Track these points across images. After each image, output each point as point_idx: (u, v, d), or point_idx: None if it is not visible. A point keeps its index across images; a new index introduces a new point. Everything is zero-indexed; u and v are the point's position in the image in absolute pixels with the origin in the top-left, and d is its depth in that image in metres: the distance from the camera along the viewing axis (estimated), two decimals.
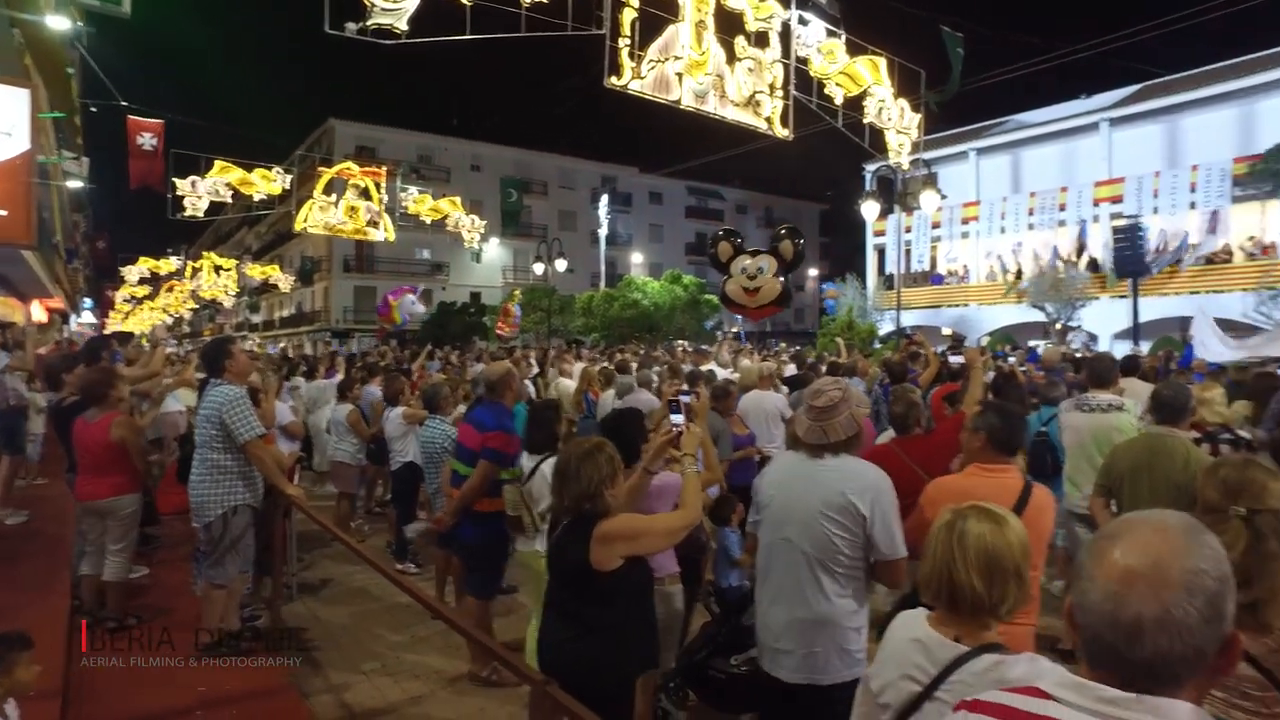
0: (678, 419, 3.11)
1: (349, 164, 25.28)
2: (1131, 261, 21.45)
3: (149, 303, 51.21)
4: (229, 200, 20.72)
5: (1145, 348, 19.65)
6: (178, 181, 19.22)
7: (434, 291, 44.18)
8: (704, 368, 9.94)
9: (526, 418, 4.85)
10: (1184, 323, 25.86)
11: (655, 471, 3.23)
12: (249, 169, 20.40)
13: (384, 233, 24.33)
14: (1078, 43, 39.02)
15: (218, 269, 39.37)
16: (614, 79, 11.11)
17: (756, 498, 3.07)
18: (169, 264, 42.26)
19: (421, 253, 46.90)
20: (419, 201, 24.97)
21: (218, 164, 19.82)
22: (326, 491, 9.15)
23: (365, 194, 23.81)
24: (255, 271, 40.20)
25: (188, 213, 19.35)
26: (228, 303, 45.28)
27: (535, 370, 11.90)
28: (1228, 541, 2.16)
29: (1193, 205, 25.58)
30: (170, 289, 47.49)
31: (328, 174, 23.99)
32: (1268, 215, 24.65)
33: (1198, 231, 25.70)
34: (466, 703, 4.51)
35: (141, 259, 41.66)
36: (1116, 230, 22.32)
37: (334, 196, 23.52)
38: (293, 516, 5.70)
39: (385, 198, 24.28)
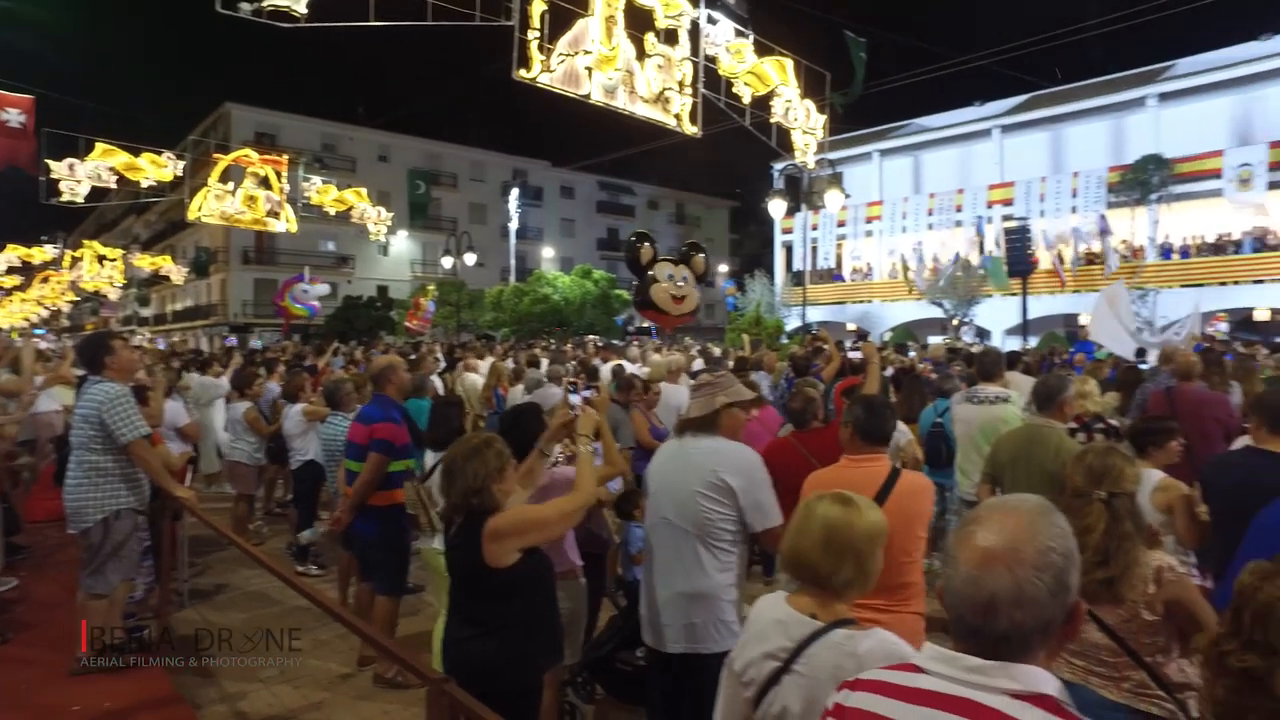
0: (575, 399, 3.18)
1: (247, 151, 24.18)
2: (1020, 261, 22.63)
3: (19, 294, 47.59)
4: (113, 186, 19.49)
5: (1034, 342, 20.79)
6: (52, 164, 17.92)
7: (339, 285, 42.84)
8: (614, 363, 9.97)
9: (429, 414, 4.77)
10: (1068, 319, 27.64)
11: (550, 454, 3.27)
12: (136, 153, 19.23)
13: (285, 224, 23.38)
14: (974, 51, 40.68)
15: (101, 259, 36.93)
16: (523, 72, 10.99)
17: (645, 484, 3.22)
18: (43, 253, 39.32)
19: (326, 244, 45.34)
20: (323, 192, 24.12)
21: (99, 146, 18.59)
22: (224, 493, 8.76)
23: (265, 183, 22.83)
24: (144, 262, 37.88)
25: (65, 198, 18.07)
26: (113, 295, 42.55)
27: (443, 365, 11.68)
28: (1090, 523, 2.35)
29: (1074, 210, 27.28)
30: (45, 279, 44.17)
31: (224, 161, 22.84)
32: (1136, 221, 26.42)
33: (1088, 234, 27.31)
34: (369, 706, 4.40)
35: (10, 246, 38.64)
36: (1008, 231, 23.52)
37: (231, 185, 22.43)
38: (184, 520, 5.44)
39: (287, 187, 23.34)
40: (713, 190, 63.66)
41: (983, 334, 27.61)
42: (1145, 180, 25.31)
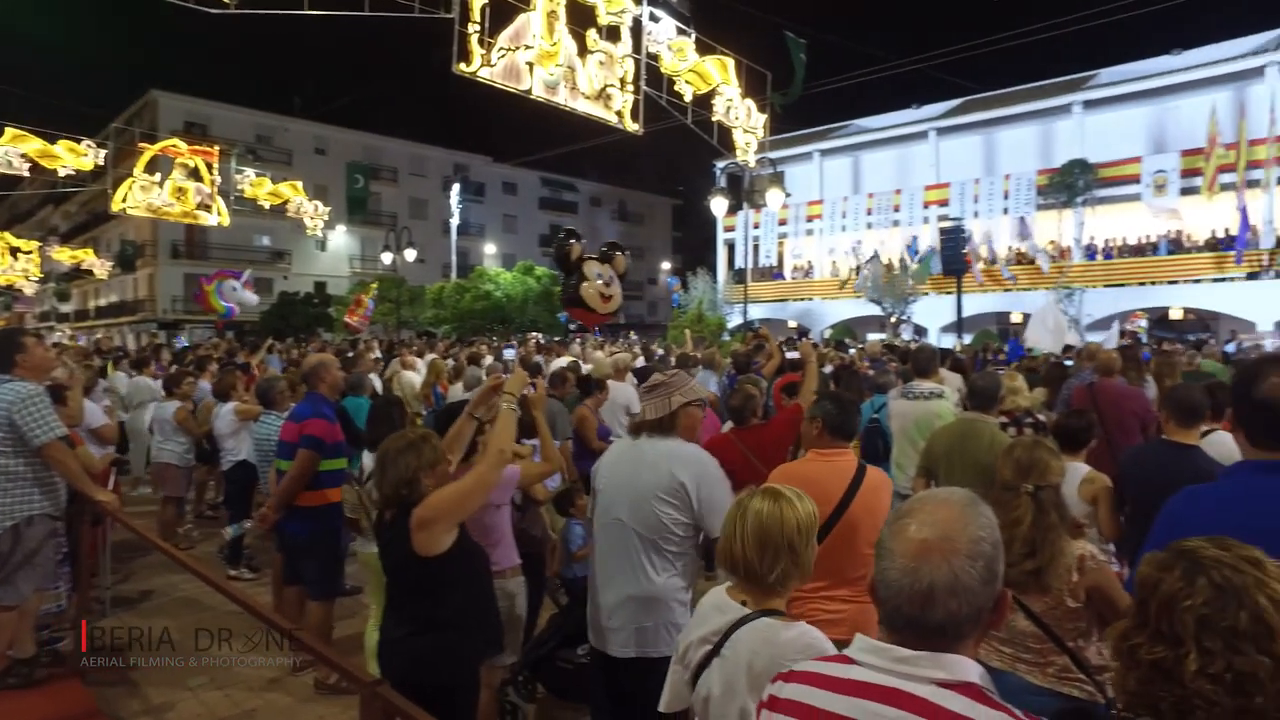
0: (509, 353, 3.14)
1: (175, 141, 23.24)
2: (955, 260, 23.25)
3: None
4: (25, 174, 18.58)
5: (969, 339, 21.39)
6: None
7: (275, 281, 41.65)
8: (560, 360, 9.94)
9: (368, 414, 4.68)
10: (1000, 317, 28.54)
11: (480, 417, 3.22)
12: (51, 139, 18.36)
13: (217, 217, 22.63)
14: (911, 55, 41.67)
15: (14, 251, 35.12)
16: (463, 65, 10.83)
17: (593, 483, 3.14)
18: None
19: (261, 239, 44.03)
20: (257, 185, 23.40)
21: (9, 131, 17.71)
22: (153, 496, 8.44)
23: (195, 174, 22.01)
24: (63, 255, 36.16)
25: None
26: (29, 290, 40.57)
27: (381, 363, 11.47)
28: (1019, 516, 2.42)
29: (1006, 211, 28.16)
30: None
31: (150, 150, 21.95)
32: (1064, 223, 27.42)
33: (1010, 235, 28.24)
34: (306, 711, 4.30)
35: None
36: (943, 231, 24.13)
37: (158, 176, 21.55)
38: (108, 525, 5.21)
39: (218, 179, 22.59)
40: (655, 188, 63.96)
41: (920, 331, 28.32)
42: (1071, 184, 26.28)
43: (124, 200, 20.84)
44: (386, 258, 28.44)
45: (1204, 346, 15.17)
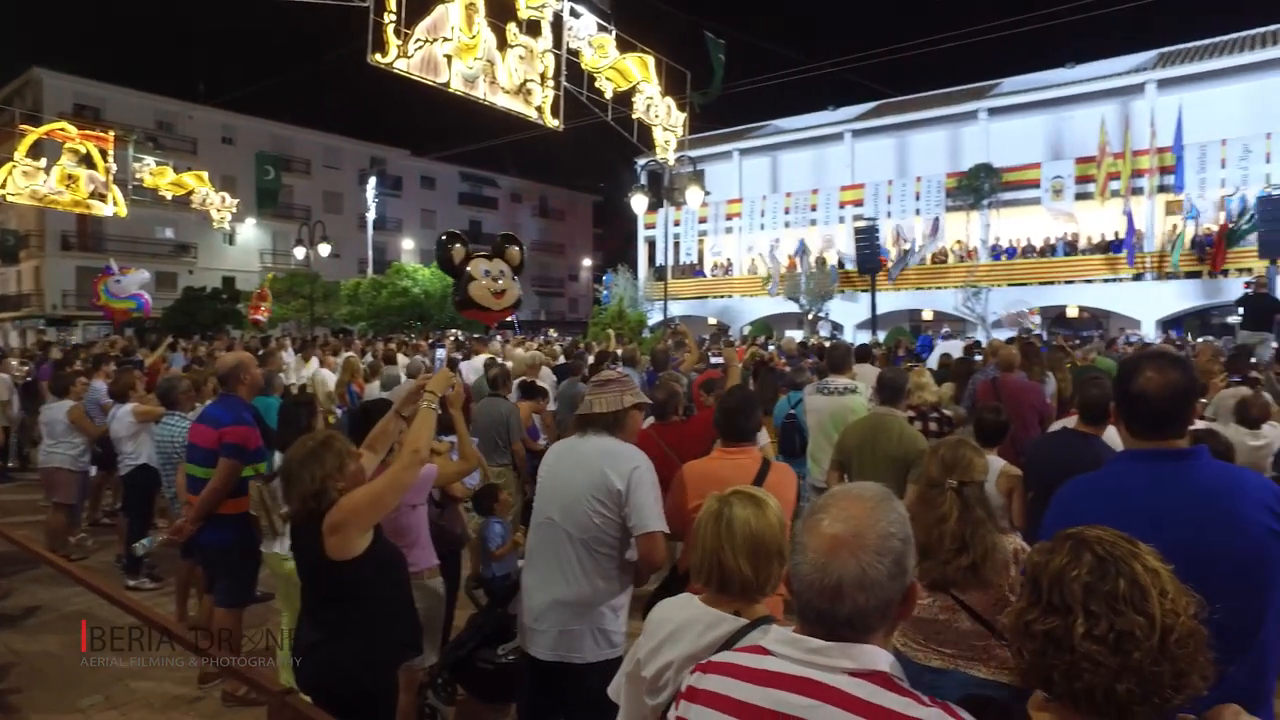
0: (439, 352, 3.08)
1: (64, 124, 21.78)
2: (869, 259, 23.95)
3: None
4: None
5: (882, 336, 22.07)
6: None
7: (179, 275, 39.75)
8: (479, 360, 9.79)
9: (278, 414, 4.52)
10: (913, 314, 29.56)
11: (406, 415, 3.12)
12: None
13: (113, 207, 21.34)
14: (829, 58, 42.78)
15: None
16: (378, 56, 10.57)
17: (539, 472, 3.11)
18: None
19: (164, 231, 41.82)
20: (157, 174, 22.27)
21: None
22: (43, 502, 7.94)
23: (87, 161, 20.74)
24: None
25: None
26: None
27: (291, 362, 11.09)
28: (945, 512, 2.51)
29: (918, 212, 29.20)
30: None
31: (34, 134, 20.48)
32: (971, 224, 28.60)
33: (922, 235, 29.29)
34: None
35: None
36: (858, 231, 24.83)
37: (44, 161, 20.23)
38: None
39: (114, 167, 21.33)
40: (577, 184, 63.69)
41: (837, 328, 29.08)
42: (978, 187, 27.41)
43: (3, 186, 19.43)
44: (299, 252, 27.45)
45: (1114, 343, 16.05)
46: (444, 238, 6.61)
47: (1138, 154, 25.05)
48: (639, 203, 16.16)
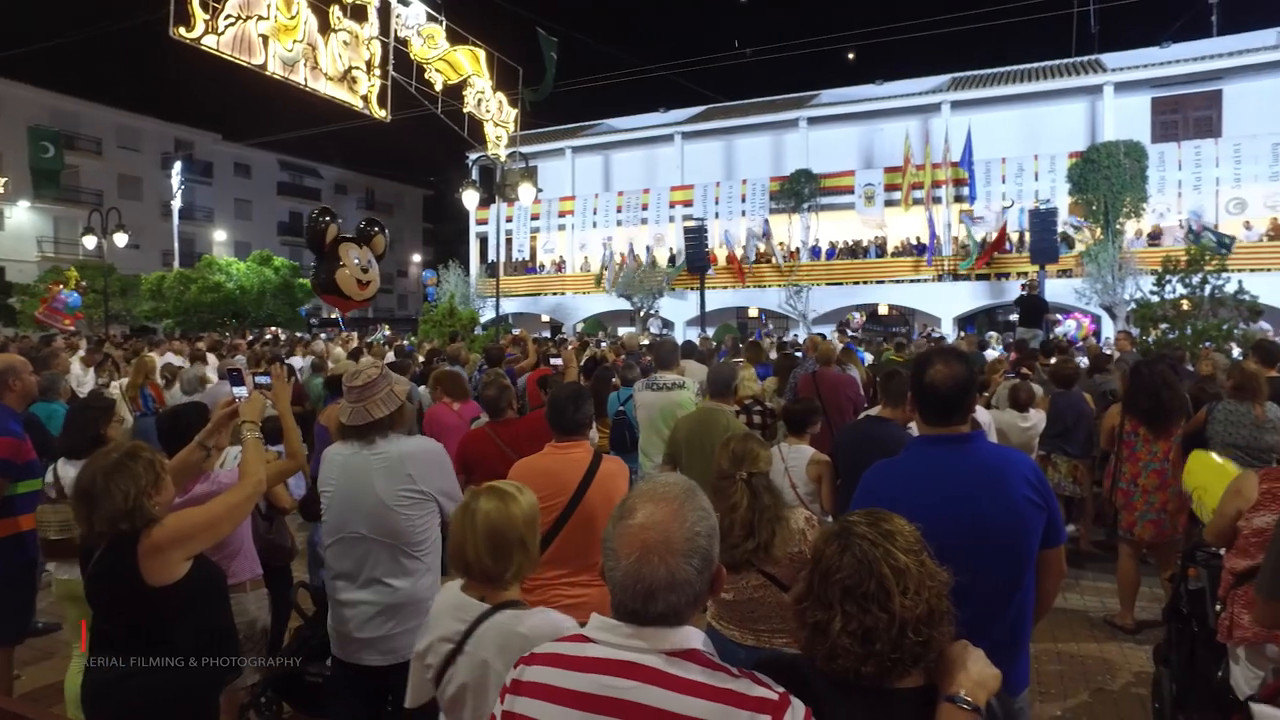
0: (239, 390, 2.91)
1: None
2: (698, 258, 24.78)
3: None
4: None
5: (711, 332, 22.93)
6: None
7: None
8: (299, 361, 9.29)
9: (64, 420, 4.09)
10: (740, 311, 30.89)
11: (210, 446, 2.96)
12: None
13: None
14: (661, 61, 43.72)
15: None
16: (182, 30, 9.74)
17: (320, 488, 3.01)
18: None
19: None
20: None
21: None
22: None
23: None
24: None
25: None
26: None
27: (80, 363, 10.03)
28: (736, 501, 2.70)
29: (744, 213, 30.54)
30: None
31: None
32: (793, 226, 30.32)
33: (748, 236, 30.66)
34: None
35: None
36: (687, 231, 25.62)
37: None
38: None
39: None
40: (406, 177, 61.49)
41: (667, 325, 29.89)
42: (799, 191, 29.13)
43: None
44: (89, 241, 24.66)
45: (933, 339, 17.57)
46: (316, 213, 6.18)
47: (936, 166, 27.50)
48: (470, 198, 15.83)
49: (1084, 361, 9.36)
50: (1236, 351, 10.18)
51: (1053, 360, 7.96)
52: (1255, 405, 5.25)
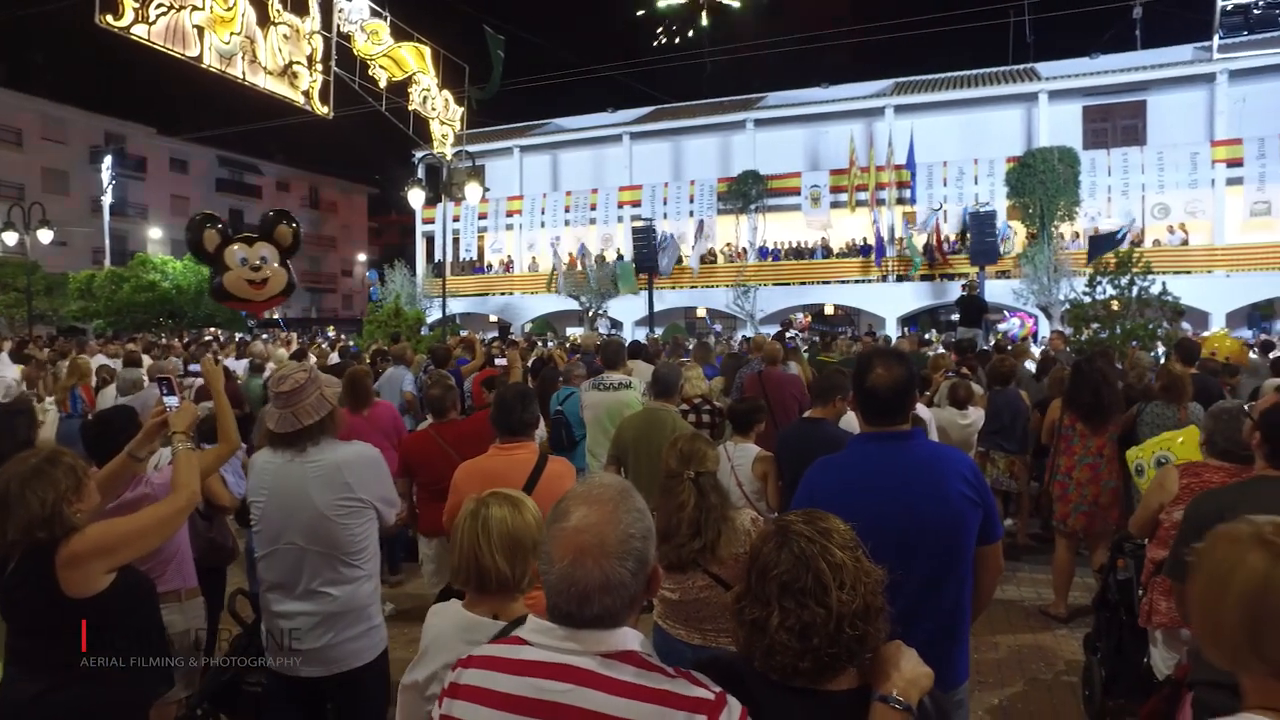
0: (171, 401, 2.79)
1: None
2: (648, 259, 24.85)
3: None
4: None
5: (659, 332, 23.01)
6: None
7: None
8: (238, 360, 9.04)
9: None
10: (688, 312, 31.06)
11: (141, 457, 2.84)
12: None
13: None
14: (608, 61, 43.82)
15: None
16: (109, 18, 9.38)
17: (249, 498, 2.93)
18: None
19: None
20: None
21: None
22: None
23: None
24: None
25: None
26: None
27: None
28: (683, 500, 2.70)
29: (691, 214, 30.71)
30: None
31: None
32: (740, 227, 30.63)
33: (694, 236, 30.86)
34: None
35: None
36: (635, 231, 25.66)
37: None
38: None
39: None
40: (351, 175, 60.23)
41: (616, 325, 29.90)
42: (746, 192, 29.44)
43: None
44: (10, 238, 23.61)
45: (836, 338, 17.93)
46: (197, 217, 5.80)
47: (880, 169, 28.04)
48: (416, 197, 15.59)
49: (1031, 366, 9.41)
50: (1160, 350, 10.61)
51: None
52: (1180, 408, 5.51)
